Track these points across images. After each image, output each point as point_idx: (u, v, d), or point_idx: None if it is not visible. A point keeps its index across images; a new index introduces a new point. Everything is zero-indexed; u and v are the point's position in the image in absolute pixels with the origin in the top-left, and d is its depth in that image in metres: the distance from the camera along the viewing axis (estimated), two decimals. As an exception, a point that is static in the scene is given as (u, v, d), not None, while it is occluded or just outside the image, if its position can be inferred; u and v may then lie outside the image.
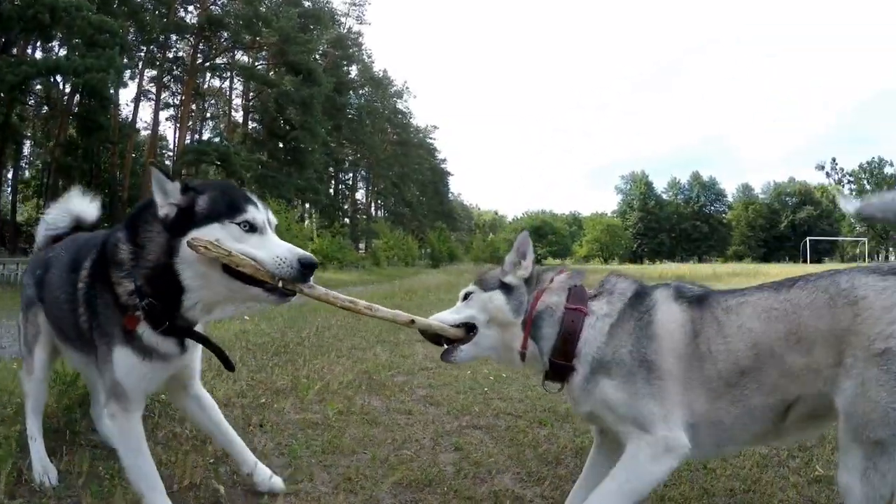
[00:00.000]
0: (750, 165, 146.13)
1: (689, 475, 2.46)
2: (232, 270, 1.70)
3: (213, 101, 40.01)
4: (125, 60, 24.63)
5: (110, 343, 1.81)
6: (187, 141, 35.32)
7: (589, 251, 79.74)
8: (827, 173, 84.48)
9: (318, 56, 41.20)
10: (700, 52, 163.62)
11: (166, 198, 1.74)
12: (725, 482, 2.43)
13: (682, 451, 1.66)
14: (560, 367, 1.81)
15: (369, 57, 53.70)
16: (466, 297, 1.97)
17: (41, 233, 2.51)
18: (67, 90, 27.14)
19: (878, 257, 75.62)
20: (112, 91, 24.35)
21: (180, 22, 31.54)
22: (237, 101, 41.30)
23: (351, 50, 48.94)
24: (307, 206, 44.90)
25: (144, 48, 29.48)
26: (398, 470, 2.46)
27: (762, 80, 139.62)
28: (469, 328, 1.91)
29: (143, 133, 35.76)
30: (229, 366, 2.03)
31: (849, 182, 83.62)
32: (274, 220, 1.87)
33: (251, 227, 1.74)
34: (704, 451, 1.79)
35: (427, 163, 63.88)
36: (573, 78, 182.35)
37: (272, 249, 1.71)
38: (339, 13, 47.33)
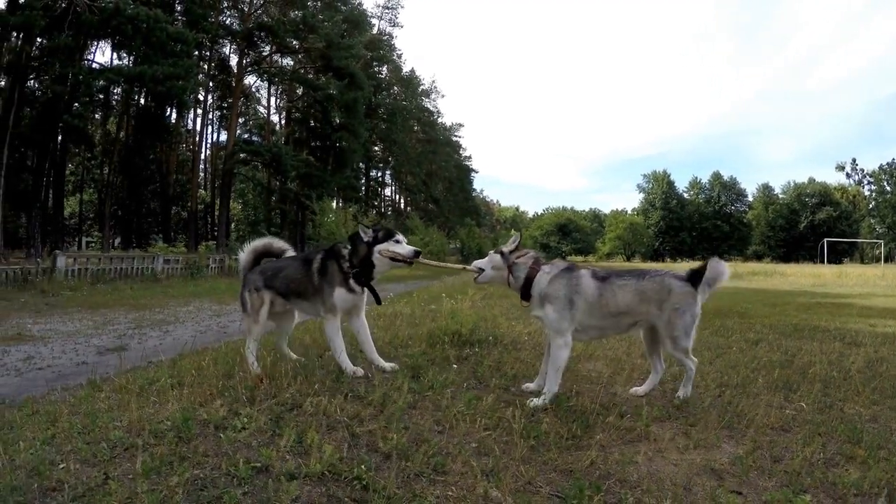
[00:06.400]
0: (770, 165, 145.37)
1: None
2: (392, 257, 3.92)
3: (244, 102, 41.23)
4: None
5: (333, 288, 3.96)
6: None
7: (612, 248, 79.36)
8: (847, 174, 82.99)
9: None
10: (710, 51, 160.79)
11: (366, 234, 3.97)
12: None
13: (570, 344, 3.53)
14: (525, 293, 3.65)
15: (399, 57, 54.82)
16: (486, 255, 3.89)
17: (247, 257, 4.38)
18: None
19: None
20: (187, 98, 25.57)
21: (230, 28, 32.86)
22: (273, 102, 42.72)
23: (382, 51, 49.97)
24: (341, 202, 46.13)
25: (196, 52, 30.66)
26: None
27: (780, 78, 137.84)
28: (482, 268, 3.83)
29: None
30: (378, 301, 4.25)
31: (868, 183, 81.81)
32: (404, 239, 4.03)
33: (397, 241, 3.97)
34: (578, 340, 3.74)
35: (453, 160, 64.89)
36: (589, 78, 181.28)
37: (406, 248, 3.96)
38: (372, 15, 48.43)
